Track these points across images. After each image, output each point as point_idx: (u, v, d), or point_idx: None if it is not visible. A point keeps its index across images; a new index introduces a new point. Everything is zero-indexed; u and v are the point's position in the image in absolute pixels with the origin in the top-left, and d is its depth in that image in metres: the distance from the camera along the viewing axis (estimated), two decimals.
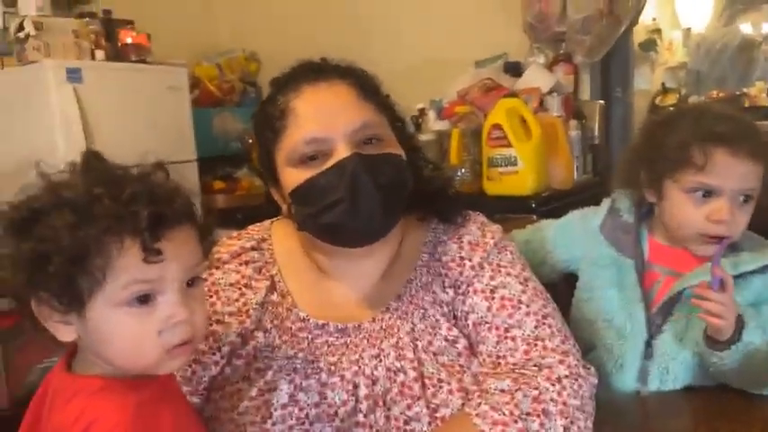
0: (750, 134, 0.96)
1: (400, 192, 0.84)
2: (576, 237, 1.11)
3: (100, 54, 2.49)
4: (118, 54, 2.57)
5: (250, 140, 3.55)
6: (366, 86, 0.87)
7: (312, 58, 0.91)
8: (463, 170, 2.04)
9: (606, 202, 1.11)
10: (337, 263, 0.88)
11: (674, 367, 0.97)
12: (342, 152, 0.81)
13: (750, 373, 0.90)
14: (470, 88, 2.27)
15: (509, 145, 1.91)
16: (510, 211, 1.89)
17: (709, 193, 0.95)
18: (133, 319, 0.61)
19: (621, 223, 1.07)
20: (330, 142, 0.81)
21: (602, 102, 2.41)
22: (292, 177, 0.83)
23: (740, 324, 0.88)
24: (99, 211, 0.59)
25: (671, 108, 3.69)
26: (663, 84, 3.90)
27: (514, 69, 2.43)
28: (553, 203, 1.97)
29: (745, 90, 3.90)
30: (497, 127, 1.93)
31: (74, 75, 2.25)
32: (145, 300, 0.61)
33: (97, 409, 0.60)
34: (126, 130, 2.27)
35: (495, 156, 1.94)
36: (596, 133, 2.33)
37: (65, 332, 0.63)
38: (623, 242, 1.06)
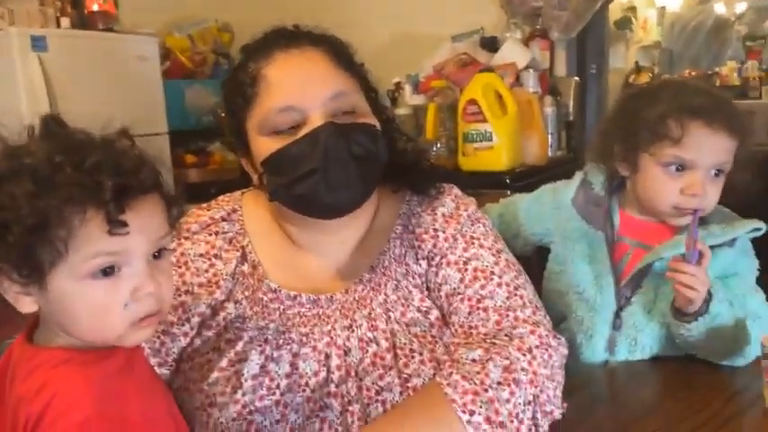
0: (726, 109, 0.97)
1: (375, 162, 0.83)
2: (548, 210, 1.12)
3: (65, 22, 2.41)
4: (84, 22, 2.49)
5: (223, 114, 3.49)
6: (340, 54, 0.85)
7: (285, 25, 0.88)
8: (438, 145, 2.03)
9: (578, 176, 1.11)
10: (309, 234, 0.87)
11: (641, 338, 0.99)
12: (315, 121, 0.79)
13: (716, 344, 0.92)
14: (446, 63, 2.26)
15: (484, 120, 1.91)
16: (484, 186, 1.90)
17: (683, 167, 0.96)
18: (97, 291, 0.59)
19: (593, 196, 1.08)
20: (303, 111, 0.80)
21: (577, 78, 2.41)
22: (264, 146, 0.81)
23: (708, 297, 0.90)
24: (60, 179, 0.56)
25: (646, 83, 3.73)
26: (636, 62, 3.94)
27: (491, 44, 2.42)
28: (527, 179, 1.98)
29: (717, 69, 3.96)
30: (473, 102, 1.92)
31: (38, 43, 2.18)
32: (109, 271, 0.59)
33: (60, 381, 0.59)
34: (94, 100, 2.20)
35: (471, 131, 1.94)
36: (571, 110, 2.34)
37: (25, 303, 0.60)
38: (594, 215, 1.06)
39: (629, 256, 1.03)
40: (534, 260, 1.12)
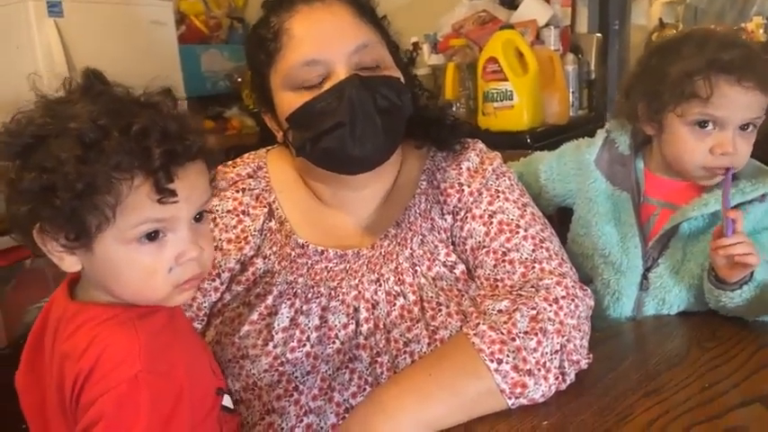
0: (756, 62, 0.91)
1: (400, 115, 0.82)
2: (571, 171, 1.09)
3: None
4: None
5: (239, 79, 3.45)
6: (363, 6, 0.85)
7: None
8: (458, 105, 2.01)
9: (601, 134, 1.07)
10: (334, 191, 0.87)
11: (669, 298, 0.97)
12: (340, 74, 0.78)
13: (756, 306, 0.89)
14: (465, 21, 2.21)
15: (505, 79, 1.87)
16: (505, 146, 1.86)
17: (712, 125, 0.92)
18: (143, 256, 0.60)
19: (617, 156, 1.04)
20: (328, 64, 0.79)
21: (599, 35, 2.35)
22: (289, 101, 0.81)
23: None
24: (108, 146, 0.56)
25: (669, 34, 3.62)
26: (660, 19, 3.81)
27: (510, 1, 2.36)
28: (549, 139, 1.95)
29: (743, 25, 3.84)
30: (493, 60, 1.88)
31: (54, 9, 2.17)
32: (154, 236, 0.60)
33: (109, 337, 0.60)
34: (111, 65, 2.16)
35: (491, 90, 1.91)
36: (593, 68, 2.29)
37: (69, 263, 0.61)
38: (619, 175, 1.03)
39: (656, 217, 1.01)
40: (556, 220, 1.11)
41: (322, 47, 0.79)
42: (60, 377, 0.62)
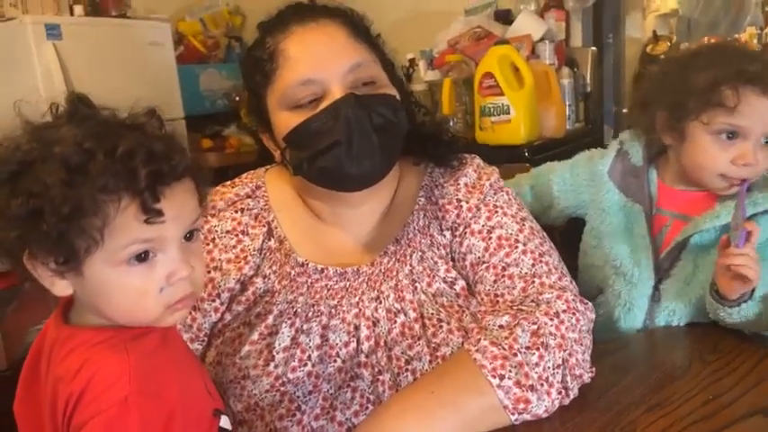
0: None
1: (397, 133, 0.83)
2: (583, 182, 1.09)
3: (78, 9, 2.42)
4: (96, 9, 2.50)
5: (237, 98, 3.47)
6: (357, 25, 0.85)
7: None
8: (455, 120, 2.02)
9: (614, 145, 1.08)
10: (333, 208, 0.87)
11: (680, 309, 0.97)
12: (336, 93, 0.79)
13: (756, 323, 0.89)
14: (460, 37, 2.23)
15: (501, 93, 1.89)
16: (503, 160, 1.87)
17: (735, 135, 0.93)
18: (133, 277, 0.59)
19: (630, 167, 1.05)
20: (324, 83, 0.80)
21: (594, 48, 2.37)
22: (285, 121, 0.81)
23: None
24: (93, 168, 0.56)
25: (662, 56, 3.66)
26: (654, 31, 3.84)
27: (505, 17, 2.39)
28: (546, 152, 1.95)
29: (736, 36, 3.87)
30: (489, 75, 1.90)
31: (53, 31, 2.19)
32: (144, 257, 0.59)
33: (100, 360, 0.59)
34: (110, 88, 2.18)
35: (488, 105, 1.92)
36: (588, 81, 2.31)
37: (60, 287, 0.61)
38: (632, 186, 1.04)
39: (669, 228, 1.01)
40: (558, 238, 1.11)
41: (317, 67, 0.80)
42: (53, 400, 0.61)
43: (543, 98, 2.00)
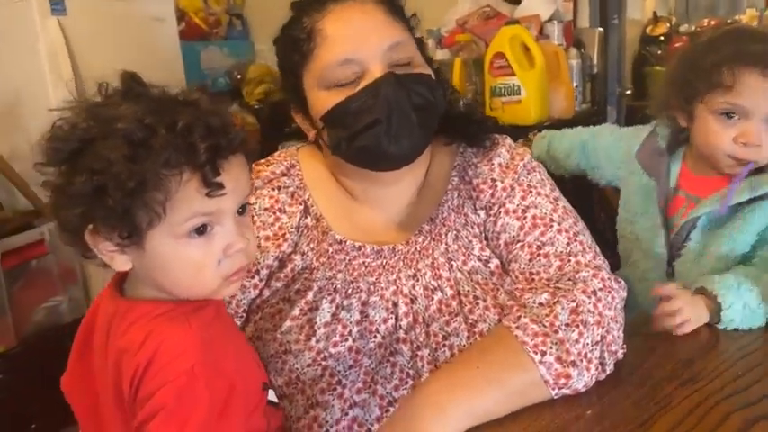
0: None
1: (434, 112, 0.84)
2: (623, 156, 1.15)
3: None
4: None
5: (239, 76, 3.43)
6: (393, 4, 0.85)
7: None
8: (465, 100, 2.02)
9: (648, 127, 1.13)
10: (367, 188, 0.88)
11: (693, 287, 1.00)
12: (375, 72, 0.79)
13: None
14: (469, 17, 2.22)
15: (512, 74, 1.89)
16: (513, 140, 1.89)
17: (736, 115, 0.95)
18: (193, 250, 0.61)
19: (657, 148, 1.09)
20: (362, 62, 0.80)
21: (601, 29, 2.37)
22: (324, 101, 0.82)
23: (716, 306, 0.87)
24: (156, 143, 0.57)
25: (661, 37, 3.67)
26: (654, 12, 3.84)
27: None
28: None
29: (736, 17, 3.88)
30: (500, 56, 1.90)
31: (57, 6, 2.15)
32: (203, 230, 0.61)
33: (164, 331, 0.61)
34: (114, 63, 2.17)
35: (498, 85, 1.92)
36: (595, 62, 2.31)
37: (120, 261, 0.62)
38: (656, 166, 1.08)
39: (685, 209, 1.05)
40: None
41: (356, 46, 0.80)
42: (117, 373, 0.63)
43: (552, 79, 2.00)
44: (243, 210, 0.65)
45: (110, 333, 0.65)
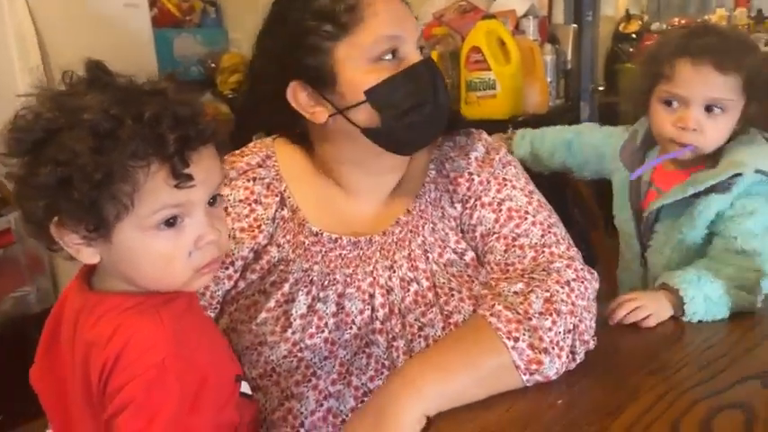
0: (722, 48, 1.01)
1: (449, 102, 0.86)
2: (612, 153, 1.21)
3: None
4: None
5: (213, 64, 3.36)
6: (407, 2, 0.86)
7: None
8: None
9: (632, 127, 1.19)
10: (360, 177, 0.88)
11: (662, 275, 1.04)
12: (412, 56, 0.81)
13: (735, 301, 0.91)
14: (446, 10, 2.23)
15: (488, 68, 1.90)
16: (488, 135, 1.91)
17: (677, 102, 1.03)
18: (162, 242, 0.60)
19: (635, 145, 1.15)
20: (404, 44, 0.80)
21: (575, 26, 2.40)
22: (370, 74, 0.79)
23: (679, 300, 0.90)
24: (123, 134, 0.56)
25: (633, 34, 3.73)
26: (627, 11, 3.91)
27: None
28: (529, 128, 1.99)
29: (706, 17, 3.96)
30: (476, 50, 1.91)
31: None
32: (173, 222, 0.60)
33: (134, 325, 0.60)
34: (85, 49, 2.13)
35: (474, 79, 1.93)
36: (569, 58, 2.34)
37: (87, 254, 0.61)
38: (632, 162, 1.14)
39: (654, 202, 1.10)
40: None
41: (401, 25, 0.80)
42: (85, 366, 0.62)
43: (527, 74, 2.02)
44: (214, 201, 0.64)
45: (77, 326, 0.64)
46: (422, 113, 0.81)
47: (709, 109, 1.02)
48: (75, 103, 0.58)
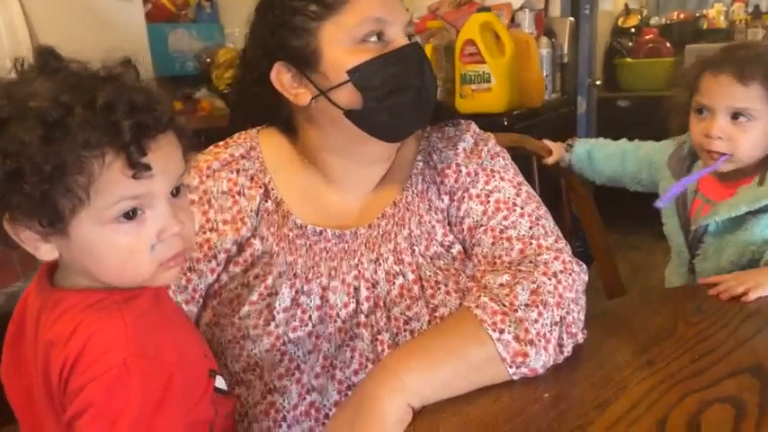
0: (745, 59, 1.06)
1: (436, 91, 0.85)
2: (661, 164, 1.25)
3: None
4: None
5: (208, 60, 3.34)
6: None
7: None
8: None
9: (679, 137, 1.22)
10: (348, 168, 0.86)
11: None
12: (400, 39, 0.80)
13: None
14: (441, 3, 2.21)
15: (482, 61, 1.89)
16: (482, 128, 1.90)
17: (706, 111, 1.09)
18: (122, 236, 0.57)
19: (682, 155, 1.20)
20: (391, 27, 0.79)
21: (572, 19, 2.39)
22: (353, 54, 0.78)
23: None
24: (73, 123, 0.53)
25: (632, 29, 3.72)
26: (626, 5, 3.89)
27: None
28: (525, 121, 1.98)
29: (704, 12, 3.94)
30: (471, 42, 1.89)
31: None
32: (133, 215, 0.57)
33: (94, 323, 0.58)
34: (77, 45, 2.12)
35: (469, 72, 1.92)
36: (566, 51, 2.33)
37: (45, 251, 0.58)
38: (680, 171, 1.19)
39: (700, 211, 1.15)
40: None
41: (388, 9, 0.79)
42: (46, 366, 0.60)
43: (523, 67, 2.01)
44: (178, 191, 0.61)
45: (39, 325, 0.61)
46: (405, 97, 0.79)
47: (735, 117, 1.06)
48: (23, 92, 0.55)
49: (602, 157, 1.37)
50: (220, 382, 0.70)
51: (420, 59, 0.81)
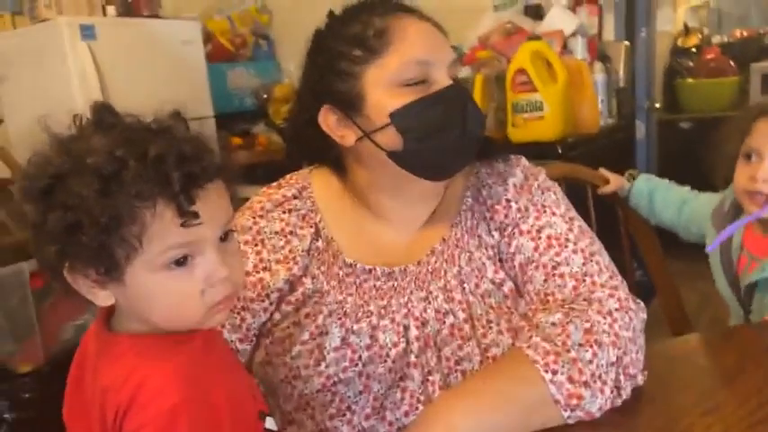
0: None
1: (483, 130, 0.85)
2: (707, 217, 1.24)
3: (111, 10, 2.46)
4: (128, 9, 2.54)
5: (265, 96, 3.48)
6: (443, 29, 0.85)
7: None
8: (487, 117, 2.00)
9: (723, 192, 1.22)
10: (394, 204, 0.87)
11: None
12: (442, 81, 0.80)
13: None
14: (491, 33, 2.22)
15: (534, 90, 1.87)
16: (536, 157, 1.86)
17: (754, 156, 1.08)
18: (173, 282, 0.59)
19: (725, 211, 1.19)
20: (434, 69, 0.80)
21: (627, 43, 2.34)
22: (396, 97, 0.79)
23: None
24: (127, 176, 0.55)
25: (693, 48, 3.60)
26: (685, 24, 3.78)
27: (535, 12, 2.37)
28: (580, 149, 1.95)
29: None
30: (522, 71, 1.89)
31: (87, 32, 2.22)
32: (183, 261, 0.59)
33: (146, 368, 0.59)
34: (143, 86, 2.24)
35: (520, 101, 1.90)
36: (621, 75, 2.28)
37: (102, 297, 0.60)
38: (721, 227, 1.17)
39: (747, 268, 1.13)
40: None
41: (431, 51, 0.80)
42: (102, 411, 0.61)
43: (576, 94, 1.98)
44: (225, 236, 0.63)
45: (96, 370, 0.63)
46: (447, 137, 0.79)
47: None
48: (81, 147, 0.58)
49: (662, 200, 1.33)
50: (270, 423, 0.71)
51: (463, 99, 0.81)
